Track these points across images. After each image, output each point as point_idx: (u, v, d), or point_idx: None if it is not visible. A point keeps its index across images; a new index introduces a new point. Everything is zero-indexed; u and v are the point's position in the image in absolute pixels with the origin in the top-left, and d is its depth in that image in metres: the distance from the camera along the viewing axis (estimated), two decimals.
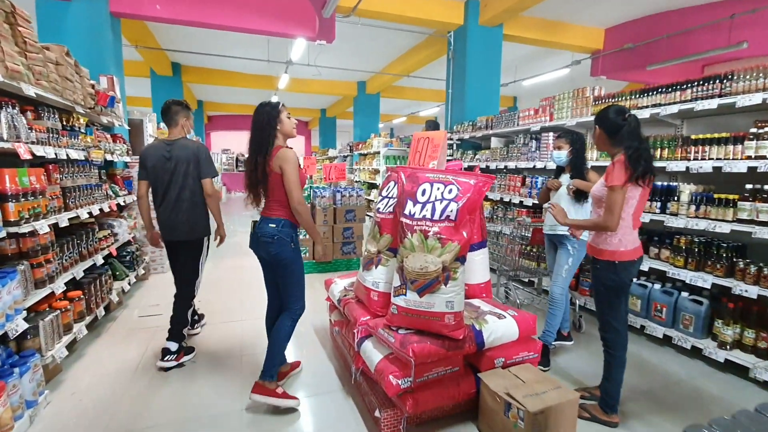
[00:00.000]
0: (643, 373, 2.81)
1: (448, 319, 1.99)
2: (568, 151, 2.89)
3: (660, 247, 3.29)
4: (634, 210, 2.06)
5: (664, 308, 3.19)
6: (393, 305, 2.11)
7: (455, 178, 2.10)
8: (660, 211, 3.18)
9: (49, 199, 2.62)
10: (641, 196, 2.06)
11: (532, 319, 2.29)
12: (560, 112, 4.09)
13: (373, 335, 2.25)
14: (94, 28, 4.55)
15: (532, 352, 2.28)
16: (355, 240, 5.23)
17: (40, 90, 2.57)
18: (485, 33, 6.31)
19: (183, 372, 2.69)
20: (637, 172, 1.97)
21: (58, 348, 2.53)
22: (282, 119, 2.26)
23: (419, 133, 2.62)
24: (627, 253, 2.07)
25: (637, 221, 2.11)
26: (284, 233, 2.24)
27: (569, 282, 2.90)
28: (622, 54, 7.20)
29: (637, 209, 2.07)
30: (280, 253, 2.24)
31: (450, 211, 2.03)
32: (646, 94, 3.28)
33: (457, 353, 2.03)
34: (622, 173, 1.96)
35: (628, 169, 1.96)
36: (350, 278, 3.05)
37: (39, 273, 2.49)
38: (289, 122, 2.30)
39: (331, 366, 2.82)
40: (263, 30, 5.51)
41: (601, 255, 2.12)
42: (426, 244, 2.01)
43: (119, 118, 4.35)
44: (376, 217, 2.44)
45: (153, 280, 4.74)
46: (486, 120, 5.42)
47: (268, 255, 2.27)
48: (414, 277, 2.01)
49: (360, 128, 12.60)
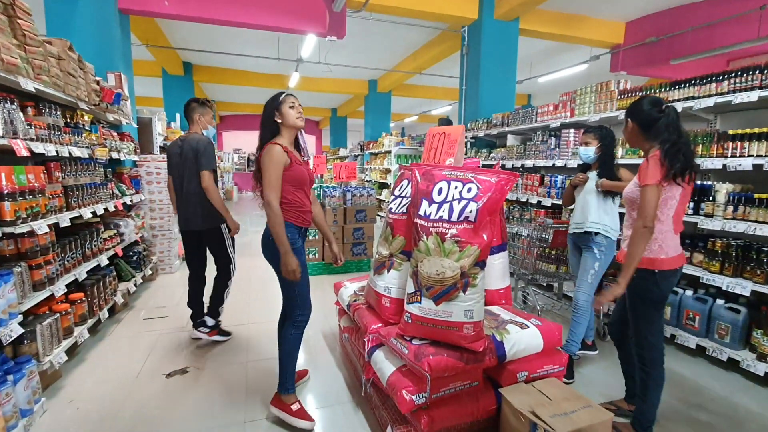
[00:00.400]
0: (675, 387, 2.60)
1: (466, 329, 1.82)
2: (596, 147, 2.71)
3: (693, 250, 3.07)
4: (674, 212, 1.86)
5: (698, 317, 2.97)
6: (406, 313, 1.95)
7: (475, 175, 1.94)
8: (693, 212, 2.96)
9: (49, 198, 2.53)
10: (682, 196, 1.86)
11: (557, 329, 2.11)
12: (582, 108, 3.88)
13: (385, 344, 2.10)
14: (102, 24, 4.49)
15: (558, 366, 2.10)
16: (365, 241, 5.08)
17: (39, 84, 2.48)
18: (501, 27, 6.11)
19: (186, 379, 2.57)
20: (674, 168, 1.77)
21: (56, 353, 2.43)
22: (283, 111, 2.07)
23: (434, 128, 2.46)
24: (668, 261, 1.87)
25: (679, 225, 1.91)
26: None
27: (595, 288, 2.71)
28: (644, 48, 6.92)
29: (677, 211, 1.88)
30: (274, 255, 2.05)
31: (469, 212, 1.86)
32: (677, 87, 3.06)
33: (477, 367, 1.86)
34: (657, 170, 1.78)
35: (664, 166, 1.77)
36: (360, 282, 2.90)
37: (38, 275, 2.39)
38: (292, 113, 2.08)
39: (339, 374, 2.67)
40: (273, 26, 5.40)
41: (650, 265, 1.88)
42: (443, 247, 1.85)
43: (127, 116, 4.27)
44: (389, 217, 2.29)
45: (161, 280, 4.67)
46: (502, 117, 5.22)
47: (266, 258, 2.14)
48: (429, 283, 1.85)
49: (371, 127, 12.46)
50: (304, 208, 2.14)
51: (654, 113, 1.89)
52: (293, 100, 2.11)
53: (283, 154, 2.01)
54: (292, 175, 2.06)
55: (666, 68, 7.06)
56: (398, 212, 2.24)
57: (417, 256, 1.92)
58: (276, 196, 1.98)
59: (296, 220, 2.11)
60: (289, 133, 2.12)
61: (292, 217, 2.09)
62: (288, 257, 1.97)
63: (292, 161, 2.05)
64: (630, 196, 1.97)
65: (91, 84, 3.22)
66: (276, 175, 1.98)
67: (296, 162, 2.08)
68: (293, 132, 2.14)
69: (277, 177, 1.99)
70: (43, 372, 2.36)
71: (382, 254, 2.26)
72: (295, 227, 2.11)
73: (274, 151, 1.99)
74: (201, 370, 2.67)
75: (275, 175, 1.98)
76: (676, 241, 1.91)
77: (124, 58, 4.84)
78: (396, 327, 2.08)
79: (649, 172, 1.79)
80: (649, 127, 1.90)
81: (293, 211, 2.09)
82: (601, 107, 3.68)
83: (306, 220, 2.18)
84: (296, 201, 2.10)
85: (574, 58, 8.82)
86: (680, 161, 1.79)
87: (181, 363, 2.75)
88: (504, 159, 5.07)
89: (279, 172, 2.00)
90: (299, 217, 2.12)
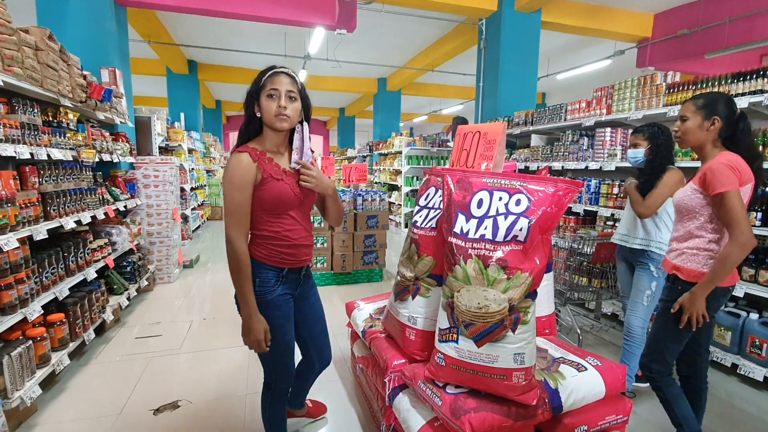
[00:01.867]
0: (739, 425, 2.22)
1: (516, 377, 1.45)
2: (647, 149, 2.32)
3: (758, 267, 2.66)
4: None
5: (765, 344, 2.57)
6: (438, 353, 1.58)
7: (524, 184, 1.56)
8: (761, 224, 2.56)
9: (22, 207, 2.21)
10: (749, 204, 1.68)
11: (620, 370, 1.73)
12: (621, 104, 3.48)
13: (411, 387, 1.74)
14: (96, 16, 4.19)
15: (622, 415, 1.72)
16: (377, 249, 4.72)
17: (10, 77, 2.15)
18: (522, 19, 5.71)
19: (176, 416, 2.23)
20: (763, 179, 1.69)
21: (29, 386, 2.10)
22: (261, 102, 1.47)
23: (465, 126, 2.09)
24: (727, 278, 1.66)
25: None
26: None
27: (651, 312, 2.33)
28: (675, 42, 6.47)
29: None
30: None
31: (518, 230, 1.49)
32: (742, 79, 2.65)
33: (528, 423, 1.49)
34: (732, 175, 1.60)
35: (736, 170, 1.61)
36: (376, 302, 2.54)
37: (7, 296, 2.07)
38: (270, 107, 1.44)
39: (352, 410, 2.32)
40: (279, 18, 5.06)
41: (687, 275, 1.74)
42: (486, 274, 1.48)
43: (121, 114, 3.96)
44: (413, 233, 1.92)
45: (158, 291, 4.35)
46: (525, 115, 4.83)
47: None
48: (470, 319, 1.48)
49: (380, 127, 12.10)
50: (290, 240, 1.54)
51: (736, 114, 1.73)
52: (276, 86, 1.44)
53: (249, 167, 1.43)
54: (266, 196, 1.46)
55: (698, 63, 6.60)
56: (425, 227, 1.87)
57: (452, 283, 1.55)
58: (239, 232, 1.43)
59: (272, 260, 1.52)
60: (273, 134, 1.52)
61: (266, 254, 1.51)
62: (250, 321, 1.45)
63: (264, 175, 1.45)
64: (685, 203, 1.77)
65: (76, 78, 2.89)
66: (238, 199, 1.42)
67: (273, 175, 1.47)
68: (280, 134, 1.53)
69: (240, 203, 1.42)
70: (14, 410, 2.04)
71: (406, 277, 1.89)
72: (273, 269, 1.54)
73: (234, 164, 1.43)
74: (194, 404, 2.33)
75: (237, 199, 1.42)
76: None
77: (121, 53, 4.53)
78: (423, 366, 1.72)
79: (727, 177, 1.59)
80: (733, 129, 1.72)
81: (269, 248, 1.51)
82: (644, 103, 3.27)
83: (295, 259, 1.57)
84: (276, 233, 1.51)
85: (593, 54, 8.38)
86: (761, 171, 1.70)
87: (172, 394, 2.41)
88: (528, 161, 4.68)
89: (244, 195, 1.43)
90: (279, 255, 1.52)
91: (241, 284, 1.45)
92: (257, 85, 1.49)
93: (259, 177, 1.46)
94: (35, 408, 2.25)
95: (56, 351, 2.43)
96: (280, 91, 1.45)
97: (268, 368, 1.68)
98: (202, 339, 3.17)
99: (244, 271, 1.45)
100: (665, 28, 6.56)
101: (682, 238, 1.81)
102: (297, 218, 1.57)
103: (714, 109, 1.72)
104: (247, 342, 1.50)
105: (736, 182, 1.59)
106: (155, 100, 13.38)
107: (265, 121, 1.50)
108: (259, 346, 1.49)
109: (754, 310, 2.72)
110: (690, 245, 1.77)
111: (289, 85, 1.47)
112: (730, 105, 1.73)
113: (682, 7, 6.36)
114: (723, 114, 1.71)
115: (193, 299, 4.11)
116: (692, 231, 1.77)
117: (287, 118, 1.48)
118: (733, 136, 1.72)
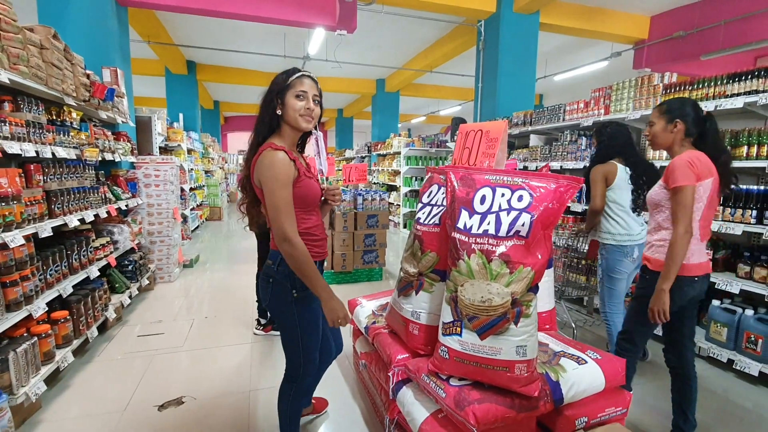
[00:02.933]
0: (734, 420, 2.27)
1: (519, 369, 1.48)
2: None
3: (753, 264, 2.71)
4: (700, 216, 1.81)
5: (760, 340, 2.61)
6: (442, 347, 1.61)
7: (526, 180, 1.60)
8: (756, 221, 2.61)
9: (27, 204, 2.22)
10: (710, 200, 1.81)
11: (620, 363, 1.77)
12: (619, 104, 3.53)
13: (414, 380, 1.76)
14: (98, 16, 4.20)
15: (621, 407, 1.75)
16: (377, 248, 4.75)
17: (15, 76, 2.17)
18: (520, 21, 5.76)
19: (181, 412, 2.25)
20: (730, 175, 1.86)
21: (34, 383, 2.12)
22: (286, 100, 1.51)
23: (467, 125, 2.12)
24: (688, 267, 1.81)
25: (705, 231, 1.86)
26: (282, 274, 1.54)
27: (614, 297, 2.57)
28: (670, 44, 6.54)
29: (704, 216, 1.82)
30: (273, 303, 1.59)
31: (521, 225, 1.52)
32: (737, 80, 2.70)
33: (531, 415, 1.52)
34: (689, 171, 1.75)
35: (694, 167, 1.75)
36: (378, 300, 2.57)
37: (12, 293, 2.08)
38: (296, 106, 1.50)
39: (355, 406, 2.35)
40: (279, 18, 5.09)
41: (654, 265, 1.89)
42: (489, 268, 1.52)
43: (123, 114, 3.97)
44: (417, 229, 1.95)
45: (159, 290, 4.36)
46: (524, 115, 4.87)
47: (269, 308, 1.65)
48: (473, 312, 1.52)
49: (378, 128, 12.13)
50: (318, 236, 1.63)
51: (701, 116, 1.88)
52: (305, 88, 1.51)
53: (290, 164, 1.47)
54: (302, 192, 1.51)
55: (694, 64, 6.68)
56: (429, 223, 1.90)
57: (456, 278, 1.58)
58: (294, 227, 1.45)
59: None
60: (292, 132, 1.57)
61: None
62: (333, 303, 1.49)
63: (300, 172, 1.51)
64: (653, 198, 1.93)
65: (79, 77, 2.91)
66: (286, 196, 1.44)
67: (305, 173, 1.54)
68: (298, 133, 1.59)
69: (288, 199, 1.45)
70: (18, 406, 2.05)
71: (410, 272, 1.92)
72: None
73: (277, 160, 1.43)
74: (198, 401, 2.35)
75: (285, 196, 1.44)
76: (701, 247, 1.87)
77: (122, 53, 4.54)
78: (426, 360, 1.74)
79: (683, 173, 1.74)
80: (699, 130, 1.88)
81: (305, 243, 1.51)
82: (641, 103, 3.32)
83: (321, 252, 1.67)
84: (308, 229, 1.57)
85: (591, 56, 8.46)
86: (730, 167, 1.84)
87: (176, 391, 2.43)
88: (526, 161, 4.73)
89: (289, 191, 1.46)
90: (312, 249, 1.57)
91: (311, 275, 1.47)
92: (283, 84, 1.51)
93: (294, 174, 1.49)
94: (39, 404, 2.26)
95: (60, 348, 2.45)
96: (308, 94, 1.52)
97: (295, 363, 1.68)
98: (204, 337, 3.19)
99: (310, 262, 1.47)
100: (661, 30, 6.64)
101: (653, 230, 1.96)
102: (318, 214, 1.66)
103: (675, 114, 1.88)
104: (334, 322, 1.52)
105: (692, 178, 1.74)
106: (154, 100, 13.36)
107: (288, 119, 1.53)
108: (345, 320, 1.53)
109: (750, 307, 2.76)
110: (658, 237, 1.91)
111: (315, 90, 1.56)
112: (693, 108, 1.88)
113: (678, 9, 6.44)
114: (685, 117, 1.86)
115: (193, 298, 4.13)
116: (660, 223, 1.91)
117: (312, 119, 1.56)
118: (702, 135, 1.87)
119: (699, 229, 1.81)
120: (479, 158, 1.97)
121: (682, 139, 1.89)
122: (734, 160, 2.72)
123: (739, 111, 2.86)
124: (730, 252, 2.98)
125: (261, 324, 3.24)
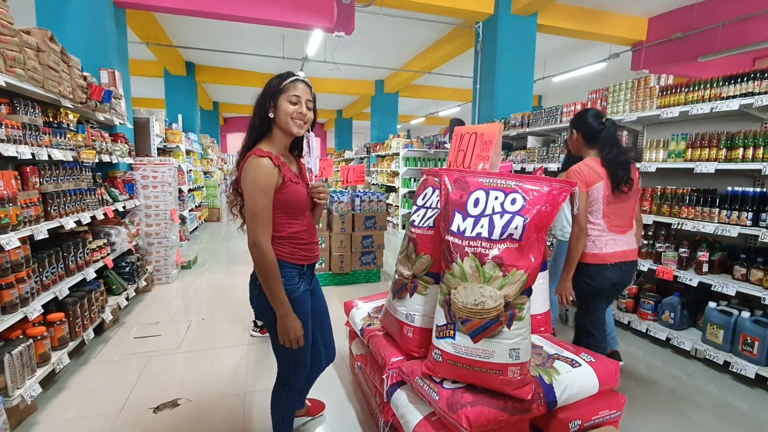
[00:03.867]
0: (730, 422, 2.26)
1: (512, 372, 1.49)
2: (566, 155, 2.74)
3: (749, 266, 2.71)
4: (602, 214, 2.07)
5: (756, 342, 2.61)
6: (435, 350, 1.62)
7: (519, 183, 1.60)
8: (752, 223, 2.61)
9: (23, 207, 2.23)
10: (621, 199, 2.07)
11: (614, 366, 1.77)
12: (616, 106, 3.53)
13: (408, 383, 1.77)
14: (95, 18, 4.21)
15: (615, 410, 1.76)
16: (375, 249, 4.75)
17: (12, 78, 2.18)
18: (518, 22, 5.77)
19: (176, 414, 2.25)
20: (618, 177, 2.03)
21: (29, 385, 2.12)
22: (279, 103, 1.50)
23: (462, 128, 2.13)
24: (601, 256, 2.08)
25: (621, 223, 2.11)
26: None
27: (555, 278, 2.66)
28: (668, 45, 6.55)
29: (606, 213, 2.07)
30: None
31: (514, 228, 1.53)
32: (734, 82, 2.70)
33: (524, 418, 1.53)
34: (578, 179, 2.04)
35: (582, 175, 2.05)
36: (374, 302, 2.57)
37: (8, 295, 2.09)
38: (288, 110, 1.49)
39: (350, 408, 2.35)
40: (278, 20, 5.10)
41: (583, 258, 2.12)
42: (482, 271, 1.52)
43: (121, 115, 3.98)
44: (411, 232, 1.95)
45: (157, 291, 4.36)
46: (521, 117, 4.88)
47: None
48: (466, 315, 1.52)
49: (377, 129, 12.14)
50: (305, 240, 1.60)
51: (596, 125, 2.11)
52: (299, 93, 1.51)
53: (273, 171, 1.45)
54: (287, 198, 1.50)
55: (691, 66, 6.68)
56: (423, 226, 1.90)
57: (450, 281, 1.59)
58: (266, 235, 1.45)
59: (295, 258, 1.57)
60: (283, 136, 1.56)
61: (288, 253, 1.55)
62: (287, 320, 1.50)
63: (285, 179, 1.49)
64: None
65: (76, 79, 2.92)
66: (264, 203, 1.43)
67: (291, 179, 1.52)
68: (289, 138, 1.59)
69: (266, 206, 1.44)
70: (14, 408, 2.05)
71: (404, 275, 1.93)
72: (295, 267, 1.58)
73: (259, 166, 1.43)
74: (193, 403, 2.35)
75: (262, 203, 1.43)
76: (613, 237, 2.10)
77: (120, 55, 4.55)
78: (421, 362, 1.75)
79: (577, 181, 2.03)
80: (593, 138, 2.13)
81: (291, 246, 1.55)
82: (638, 105, 3.33)
83: (311, 255, 1.65)
84: (294, 233, 1.56)
85: (589, 57, 8.46)
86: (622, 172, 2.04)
87: (172, 393, 2.43)
88: (524, 162, 4.73)
89: (269, 198, 1.45)
90: (299, 254, 1.58)
91: (273, 286, 1.48)
92: (277, 88, 1.51)
93: (279, 181, 1.49)
94: (35, 406, 2.26)
95: (56, 350, 2.45)
96: (301, 98, 1.52)
97: (287, 365, 1.70)
98: (200, 339, 3.19)
99: (274, 273, 1.47)
100: (659, 31, 6.64)
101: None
102: (308, 218, 1.64)
103: (574, 124, 2.21)
104: (285, 340, 1.54)
105: (582, 185, 2.03)
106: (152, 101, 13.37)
107: (280, 123, 1.53)
108: (298, 342, 1.55)
109: (746, 309, 2.77)
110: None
111: (309, 95, 1.56)
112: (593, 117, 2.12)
113: (676, 11, 6.45)
114: (581, 126, 2.15)
115: (191, 300, 4.13)
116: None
117: (304, 124, 1.56)
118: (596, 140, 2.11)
119: (606, 223, 2.09)
120: (474, 161, 1.98)
121: (585, 145, 2.17)
122: (730, 162, 2.73)
123: (735, 113, 2.86)
124: (727, 254, 2.99)
125: (257, 326, 3.24)
